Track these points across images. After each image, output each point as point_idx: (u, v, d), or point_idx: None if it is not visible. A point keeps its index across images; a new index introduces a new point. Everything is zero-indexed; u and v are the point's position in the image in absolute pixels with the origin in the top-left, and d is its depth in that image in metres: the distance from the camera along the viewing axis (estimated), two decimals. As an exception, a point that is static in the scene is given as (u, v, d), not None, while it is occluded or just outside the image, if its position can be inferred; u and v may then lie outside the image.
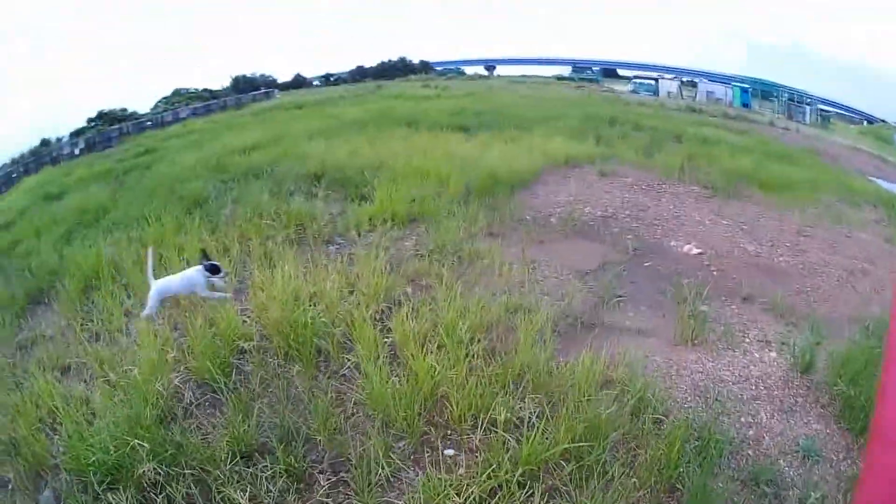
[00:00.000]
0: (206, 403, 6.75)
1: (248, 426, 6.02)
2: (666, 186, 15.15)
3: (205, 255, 8.43)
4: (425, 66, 39.13)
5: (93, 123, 32.24)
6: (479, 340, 7.10)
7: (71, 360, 8.40)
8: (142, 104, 33.07)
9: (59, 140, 31.36)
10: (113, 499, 5.44)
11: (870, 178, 23.66)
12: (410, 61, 38.86)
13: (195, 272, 8.21)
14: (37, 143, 31.05)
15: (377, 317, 7.92)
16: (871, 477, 2.63)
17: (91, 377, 7.83)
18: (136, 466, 5.56)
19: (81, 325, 9.10)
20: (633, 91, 34.98)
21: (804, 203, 15.22)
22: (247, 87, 35.78)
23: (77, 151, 30.96)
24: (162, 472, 5.56)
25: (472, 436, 5.76)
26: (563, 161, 16.83)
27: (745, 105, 33.32)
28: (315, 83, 37.80)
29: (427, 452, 5.78)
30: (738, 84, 33.73)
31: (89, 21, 30.65)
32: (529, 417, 5.91)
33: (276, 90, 36.15)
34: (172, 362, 7.28)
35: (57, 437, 6.66)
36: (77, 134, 31.71)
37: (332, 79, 37.81)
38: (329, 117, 25.96)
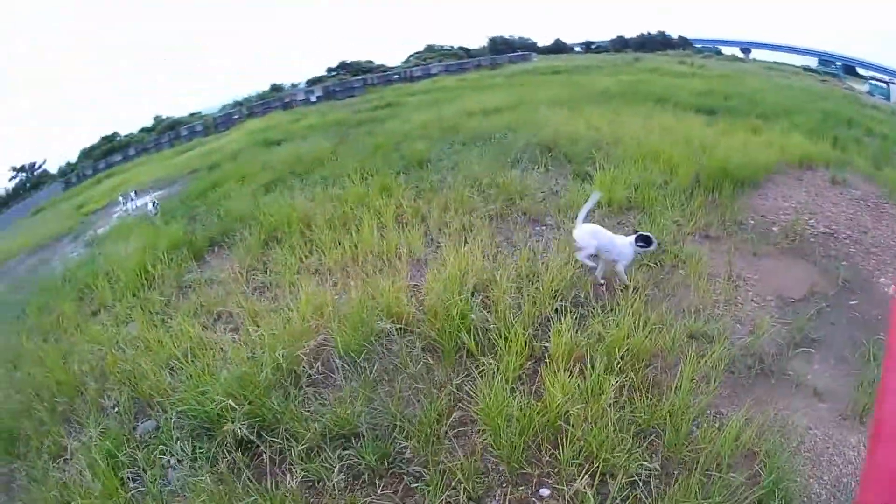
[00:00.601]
0: (332, 376, 6.96)
1: (353, 411, 6.19)
2: (889, 207, 13.56)
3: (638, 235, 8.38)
4: (684, 42, 40.59)
5: (333, 73, 35.38)
6: (637, 369, 6.71)
7: (226, 308, 9.02)
8: (390, 57, 35.02)
9: (293, 86, 34.31)
10: (200, 445, 6.08)
11: None
12: (669, 36, 40.52)
13: (629, 243, 8.27)
14: (266, 87, 34.08)
15: (539, 321, 7.66)
16: (872, 476, 2.69)
17: (238, 328, 8.35)
18: (226, 423, 6.01)
19: (251, 274, 9.89)
20: (869, 92, 34.43)
21: None
22: (504, 49, 38.08)
23: (314, 98, 33.41)
24: (251, 434, 6.00)
25: (574, 483, 5.37)
26: (797, 160, 15.80)
27: None
28: (576, 49, 40.34)
29: (520, 485, 5.61)
30: None
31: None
32: (645, 473, 5.51)
33: (534, 53, 38.25)
34: (316, 330, 7.52)
35: (175, 377, 7.26)
36: (314, 82, 34.77)
37: (592, 46, 40.13)
38: (578, 86, 26.16)
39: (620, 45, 39.37)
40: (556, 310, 7.80)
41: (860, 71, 37.36)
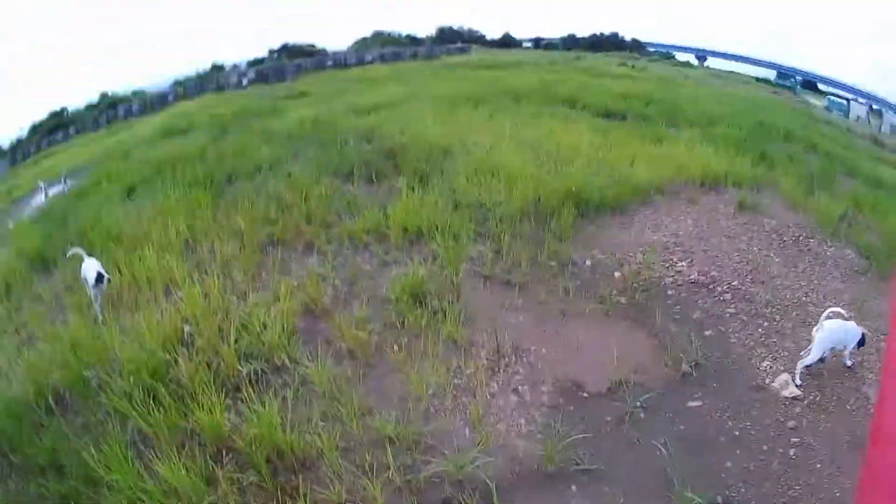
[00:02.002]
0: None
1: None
2: (813, 244, 11.06)
3: None
4: (637, 45, 38.17)
5: (275, 54, 33.11)
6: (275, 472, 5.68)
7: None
8: (338, 42, 33.65)
9: (235, 66, 32.14)
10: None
11: None
12: (622, 37, 38.05)
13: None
14: (208, 67, 32.10)
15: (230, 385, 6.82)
16: (872, 477, 2.70)
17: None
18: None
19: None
20: (827, 108, 32.35)
21: None
22: (452, 39, 35.94)
23: (245, 82, 31.47)
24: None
25: None
26: (697, 179, 13.16)
27: None
28: (525, 44, 37.54)
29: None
30: None
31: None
32: None
33: (474, 46, 35.94)
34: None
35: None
36: (255, 64, 32.63)
37: (542, 42, 37.46)
38: (491, 83, 24.44)
39: (571, 43, 37.06)
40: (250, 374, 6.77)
41: (820, 87, 34.99)
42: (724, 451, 6.23)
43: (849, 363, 7.46)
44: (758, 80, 35.23)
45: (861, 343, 7.28)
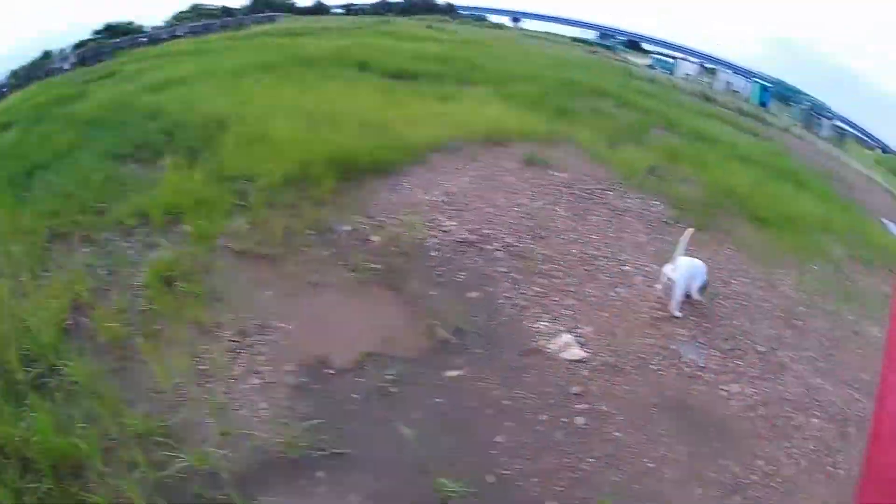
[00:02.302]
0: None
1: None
2: (611, 196, 10.72)
3: None
4: (449, 8, 37.89)
5: (99, 36, 30.36)
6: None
7: None
8: (159, 18, 31.86)
9: (61, 51, 29.44)
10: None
11: (883, 220, 19.56)
12: (435, 1, 37.89)
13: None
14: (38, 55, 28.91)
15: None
16: (872, 477, 2.70)
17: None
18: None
19: None
20: (650, 66, 32.97)
21: (807, 255, 11.14)
22: (265, 7, 34.75)
23: (67, 66, 28.57)
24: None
25: None
26: (482, 135, 12.35)
27: (763, 104, 31.01)
28: (336, 10, 36.83)
29: None
30: (760, 81, 31.74)
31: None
32: None
33: (282, 15, 34.88)
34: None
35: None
36: (80, 46, 29.80)
37: (353, 8, 36.86)
38: (286, 51, 22.94)
39: (383, 7, 36.66)
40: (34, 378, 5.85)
41: (645, 46, 36.03)
42: (493, 424, 5.58)
43: (702, 299, 7.89)
44: (575, 40, 35.56)
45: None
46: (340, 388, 5.87)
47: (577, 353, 6.50)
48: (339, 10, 36.26)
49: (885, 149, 29.56)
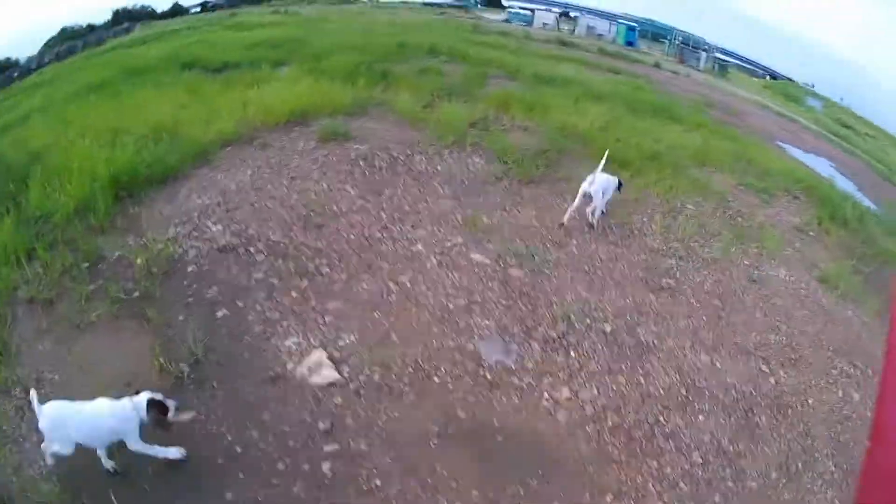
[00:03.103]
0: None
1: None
2: (419, 161, 10.06)
3: None
4: None
5: None
6: None
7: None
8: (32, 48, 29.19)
9: None
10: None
11: (779, 143, 18.96)
12: None
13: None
14: None
15: None
16: (871, 478, 2.68)
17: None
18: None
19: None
20: (507, 20, 31.99)
21: (677, 194, 10.67)
22: (127, 18, 32.03)
23: None
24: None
25: None
26: (280, 119, 11.33)
27: (630, 43, 30.71)
28: (194, 10, 33.95)
29: None
30: (624, 22, 31.41)
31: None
32: None
33: (138, 24, 31.88)
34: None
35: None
36: None
37: (209, 5, 34.11)
38: (120, 64, 20.81)
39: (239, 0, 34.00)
40: None
41: (504, 2, 34.67)
42: (222, 478, 4.80)
43: (603, 212, 8.84)
44: (426, 4, 34.44)
45: (619, 188, 8.92)
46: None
47: (329, 374, 5.58)
48: (196, 10, 34.02)
49: (774, 75, 29.83)
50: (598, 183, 8.47)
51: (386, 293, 6.89)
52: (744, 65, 30.45)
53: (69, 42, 29.79)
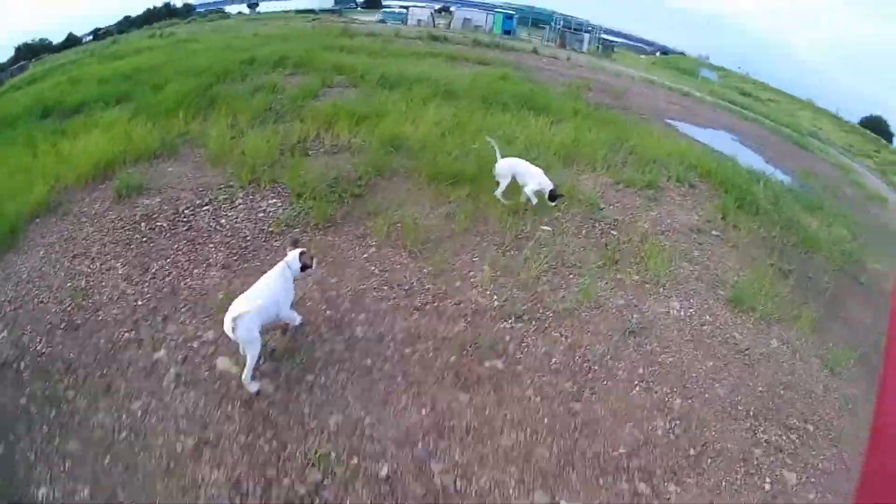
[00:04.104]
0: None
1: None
2: (203, 216, 8.10)
3: None
4: (188, 10, 34.24)
5: None
6: None
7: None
8: None
9: None
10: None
11: (670, 121, 17.22)
12: (174, 5, 33.98)
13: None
14: None
15: None
16: (871, 476, 2.59)
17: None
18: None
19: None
20: (381, 20, 31.28)
21: (526, 213, 8.66)
22: (28, 54, 30.05)
23: None
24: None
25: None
26: (90, 173, 9.40)
27: (508, 32, 30.01)
28: (87, 40, 31.90)
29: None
30: (501, 10, 30.83)
31: None
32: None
33: (30, 61, 29.78)
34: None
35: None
36: None
37: (100, 32, 31.90)
38: None
39: (128, 25, 32.29)
40: None
41: (383, 2, 33.53)
42: None
43: (534, 201, 8.43)
44: (299, 12, 33.53)
45: (552, 198, 8.29)
46: None
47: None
48: (89, 38, 31.98)
49: (665, 51, 29.72)
50: (503, 167, 8.28)
51: (118, 429, 5.25)
52: (632, 43, 30.08)
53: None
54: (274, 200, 8.42)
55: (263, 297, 5.43)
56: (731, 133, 18.11)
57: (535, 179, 8.37)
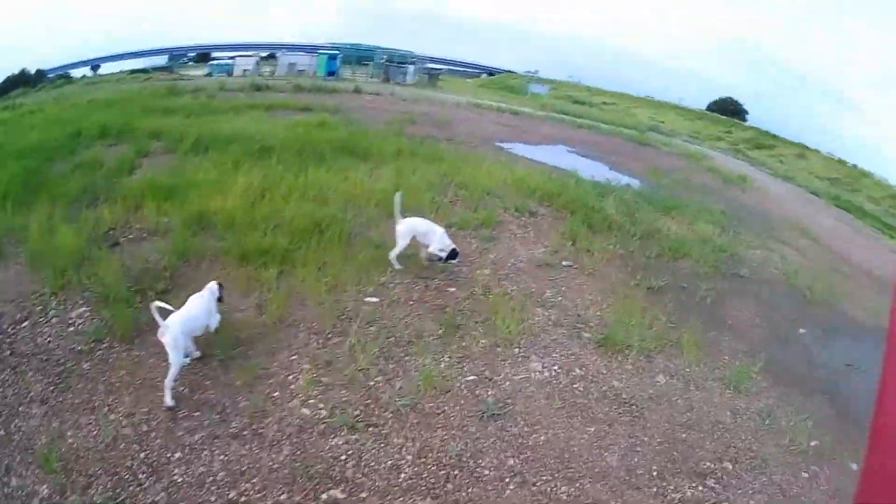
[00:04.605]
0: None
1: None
2: (28, 328, 6.79)
3: None
4: (39, 76, 32.50)
5: None
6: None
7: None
8: None
9: None
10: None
11: (500, 144, 16.52)
12: (28, 72, 32.11)
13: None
14: None
15: None
16: (871, 476, 2.43)
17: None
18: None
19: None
20: (209, 74, 30.77)
21: (346, 288, 7.55)
22: None
23: None
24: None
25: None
26: None
27: (332, 73, 30.15)
28: None
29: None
30: (325, 52, 30.87)
31: None
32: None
33: None
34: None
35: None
36: None
37: None
38: None
39: None
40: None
41: (213, 55, 33.06)
42: None
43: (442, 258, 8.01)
44: (133, 72, 32.45)
45: (452, 256, 7.92)
46: None
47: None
48: None
49: (490, 72, 29.83)
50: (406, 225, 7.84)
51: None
52: (458, 69, 30.35)
53: None
54: (83, 309, 7.17)
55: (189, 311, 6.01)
56: (568, 146, 17.66)
57: (437, 239, 7.91)
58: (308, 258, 8.01)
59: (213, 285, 6.32)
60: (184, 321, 5.80)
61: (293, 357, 6.29)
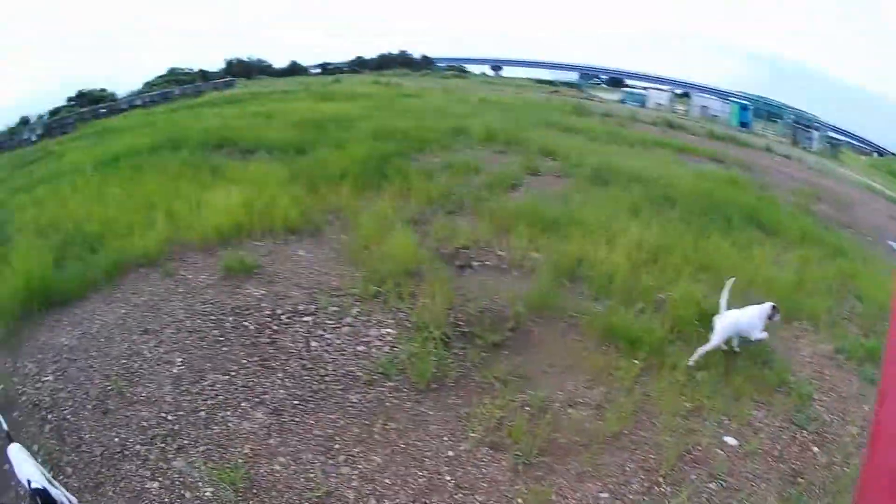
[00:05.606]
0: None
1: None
2: (304, 327, 6.67)
3: None
4: (426, 62, 35.24)
5: (72, 102, 27.60)
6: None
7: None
8: (133, 82, 28.85)
9: (40, 118, 27.11)
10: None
11: (891, 243, 13.98)
12: (410, 55, 35.04)
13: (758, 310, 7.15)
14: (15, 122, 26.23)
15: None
16: (871, 478, 2.61)
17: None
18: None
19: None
20: (622, 101, 30.14)
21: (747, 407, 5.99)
22: (240, 71, 31.81)
23: (34, 138, 25.87)
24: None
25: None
26: (212, 235, 8.65)
27: (744, 124, 27.45)
28: (314, 70, 33.74)
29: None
30: (736, 101, 28.54)
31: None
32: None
33: (236, 79, 31.40)
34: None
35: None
36: (55, 114, 27.16)
37: (329, 67, 33.99)
38: (167, 131, 18.42)
39: (359, 65, 33.66)
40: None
41: (627, 82, 32.42)
42: None
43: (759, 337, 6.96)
44: (540, 82, 32.89)
45: (772, 316, 6.99)
46: None
47: None
48: (317, 70, 33.59)
49: (879, 152, 26.91)
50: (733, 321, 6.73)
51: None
52: (852, 141, 27.24)
53: (176, 86, 29.72)
54: (388, 329, 6.51)
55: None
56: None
57: (757, 329, 6.81)
58: (680, 360, 6.36)
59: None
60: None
61: (602, 494, 4.79)
